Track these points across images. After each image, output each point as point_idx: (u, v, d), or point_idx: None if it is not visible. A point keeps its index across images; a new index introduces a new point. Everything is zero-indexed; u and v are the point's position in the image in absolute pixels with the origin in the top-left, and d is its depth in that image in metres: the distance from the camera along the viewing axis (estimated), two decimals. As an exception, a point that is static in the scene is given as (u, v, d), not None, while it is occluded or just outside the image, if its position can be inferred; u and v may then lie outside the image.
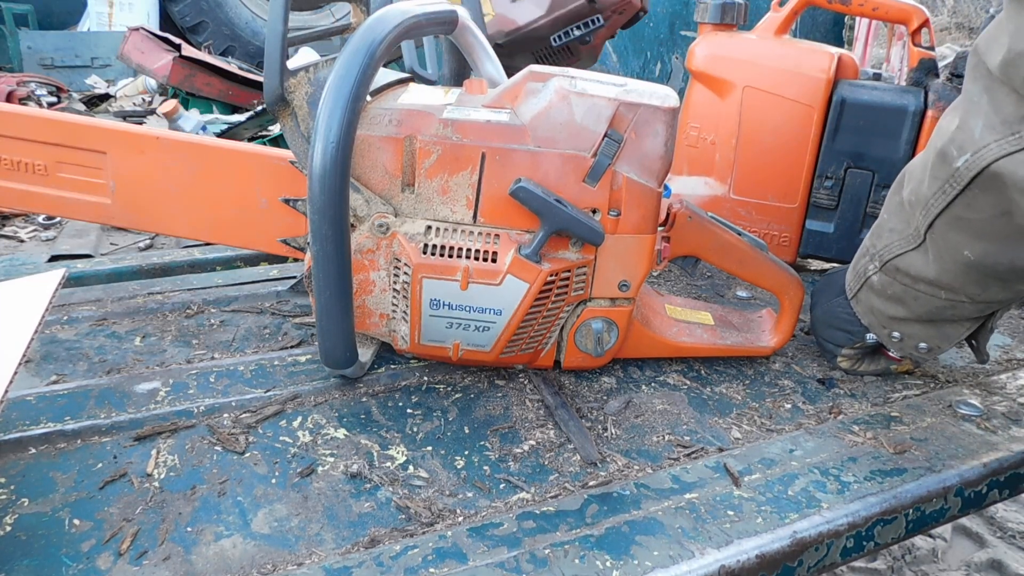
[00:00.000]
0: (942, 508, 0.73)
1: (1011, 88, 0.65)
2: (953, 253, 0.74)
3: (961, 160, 0.69)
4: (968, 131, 0.69)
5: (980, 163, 0.67)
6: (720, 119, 1.21)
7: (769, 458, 0.75)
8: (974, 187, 0.69)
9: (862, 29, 3.85)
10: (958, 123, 0.70)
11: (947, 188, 0.71)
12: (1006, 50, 0.64)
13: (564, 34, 1.43)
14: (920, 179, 0.76)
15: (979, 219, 0.70)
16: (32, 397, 0.77)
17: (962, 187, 0.70)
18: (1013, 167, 0.65)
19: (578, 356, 0.85)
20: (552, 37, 1.44)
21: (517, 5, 1.42)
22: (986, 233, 0.71)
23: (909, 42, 1.17)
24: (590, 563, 0.60)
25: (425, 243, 0.76)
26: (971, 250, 0.72)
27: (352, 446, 0.74)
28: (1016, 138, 0.65)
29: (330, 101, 0.69)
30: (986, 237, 0.71)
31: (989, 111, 0.67)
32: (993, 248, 0.71)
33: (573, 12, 1.41)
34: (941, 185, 0.72)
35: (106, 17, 3.95)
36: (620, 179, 0.76)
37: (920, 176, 0.76)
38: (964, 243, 0.73)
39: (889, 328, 0.85)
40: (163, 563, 0.59)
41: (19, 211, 1.61)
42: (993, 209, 0.69)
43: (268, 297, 1.05)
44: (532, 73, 0.77)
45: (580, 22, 1.42)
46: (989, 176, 0.67)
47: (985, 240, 0.71)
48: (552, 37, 1.44)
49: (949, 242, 0.74)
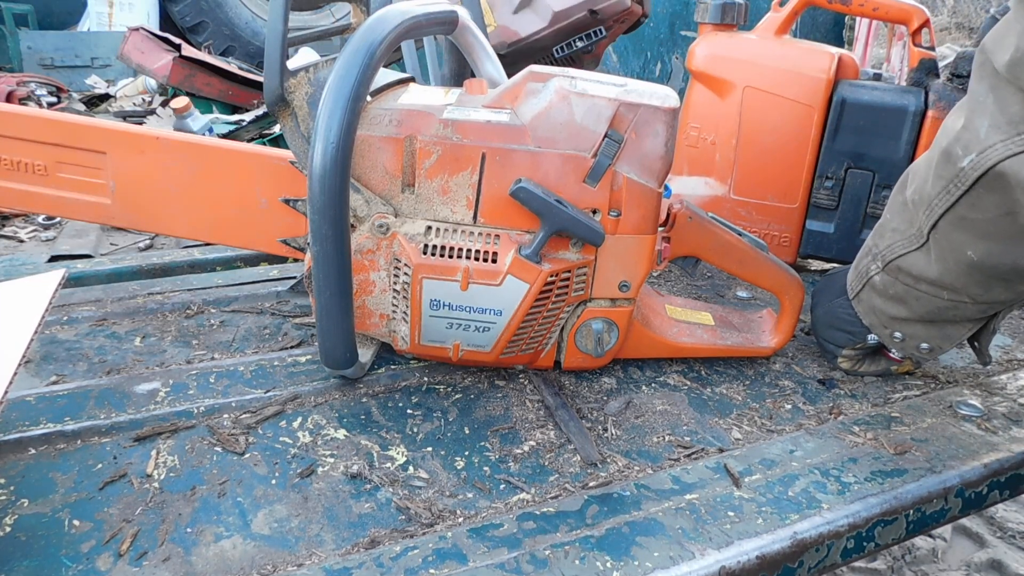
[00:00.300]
0: (942, 509, 0.73)
1: (1017, 88, 0.64)
2: (956, 253, 0.74)
3: (966, 160, 0.69)
4: (974, 131, 0.68)
5: (985, 163, 0.67)
6: (720, 119, 1.21)
7: (769, 459, 0.75)
8: (979, 187, 0.69)
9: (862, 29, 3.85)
10: (963, 123, 0.70)
11: (952, 188, 0.71)
12: (1014, 49, 0.64)
13: (567, 45, 1.43)
14: (924, 178, 0.75)
15: (983, 219, 0.70)
16: (32, 397, 0.77)
17: (967, 187, 0.69)
18: (1018, 167, 0.65)
19: (578, 356, 0.85)
20: (555, 48, 1.43)
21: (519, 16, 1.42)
22: (990, 233, 0.71)
23: (909, 42, 1.17)
24: (590, 564, 0.60)
25: (425, 243, 0.76)
26: (974, 250, 0.72)
27: (352, 447, 0.74)
28: (1021, 138, 0.64)
29: (330, 101, 0.69)
30: (990, 237, 0.71)
31: (995, 111, 0.66)
32: (997, 248, 0.71)
33: (576, 24, 1.40)
34: (945, 185, 0.72)
35: (106, 17, 3.95)
36: (620, 179, 0.76)
37: (924, 175, 0.76)
38: (968, 243, 0.73)
39: (891, 328, 0.85)
40: (163, 564, 0.59)
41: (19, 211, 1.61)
42: (998, 209, 0.68)
43: (268, 297, 1.04)
44: (532, 73, 0.77)
45: (582, 33, 1.42)
46: (994, 176, 0.67)
47: (989, 240, 0.71)
48: (555, 48, 1.43)
49: (952, 242, 0.74)
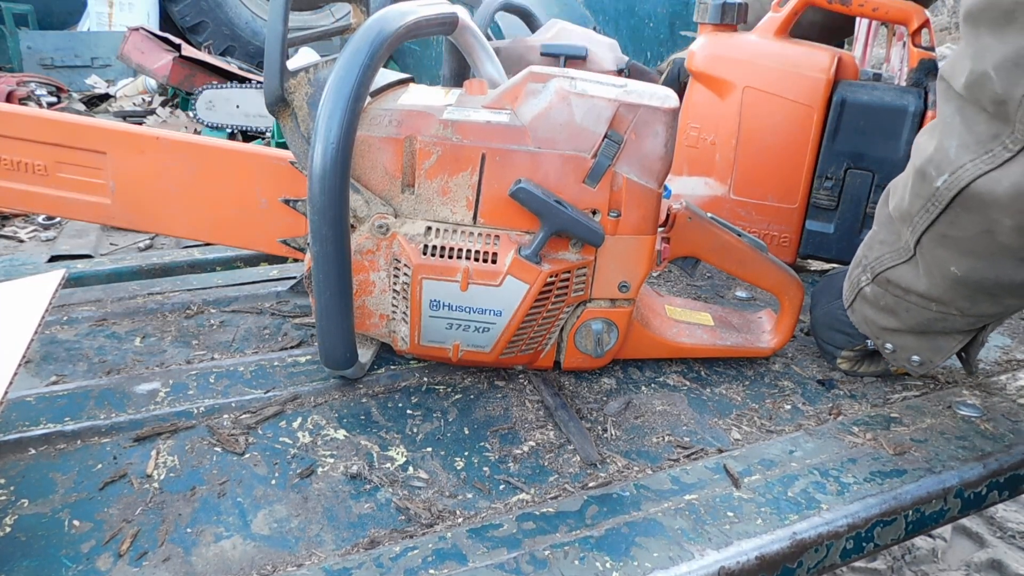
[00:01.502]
0: (942, 509, 0.73)
1: (980, 107, 0.65)
2: (941, 268, 0.74)
3: (940, 180, 0.69)
4: (944, 151, 0.69)
5: (959, 183, 0.68)
6: (720, 119, 1.21)
7: (769, 459, 0.75)
8: (955, 206, 0.69)
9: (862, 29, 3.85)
10: (936, 143, 0.71)
11: (930, 207, 0.72)
12: (968, 71, 0.65)
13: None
14: (902, 196, 0.76)
15: (963, 237, 0.70)
16: (32, 398, 0.77)
17: (943, 206, 0.70)
18: (991, 186, 0.65)
19: (578, 357, 0.85)
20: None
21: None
22: (971, 250, 0.71)
23: (909, 42, 1.17)
24: (590, 564, 0.60)
25: (425, 244, 0.76)
26: (957, 266, 0.73)
27: (352, 447, 0.74)
28: (989, 156, 0.65)
29: (330, 101, 0.69)
30: (971, 254, 0.71)
31: (963, 130, 0.67)
32: (979, 264, 0.71)
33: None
34: (924, 203, 0.72)
35: (106, 17, 3.95)
36: (620, 180, 0.76)
37: (903, 193, 0.76)
38: (950, 259, 0.73)
39: (883, 339, 0.85)
40: (163, 564, 0.59)
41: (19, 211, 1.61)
42: (976, 227, 0.69)
43: (268, 297, 1.04)
44: (532, 74, 0.77)
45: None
46: (969, 196, 0.67)
47: (970, 257, 0.71)
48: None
49: (936, 258, 0.74)
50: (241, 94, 2.59)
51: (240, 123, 2.58)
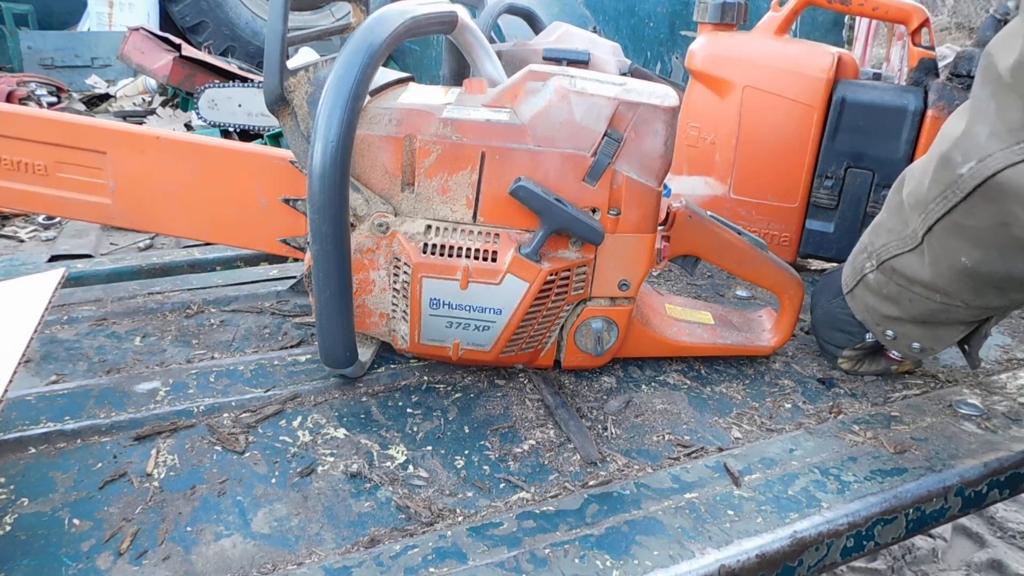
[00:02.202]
0: (942, 508, 0.73)
1: (1018, 95, 0.63)
2: (950, 258, 0.74)
3: (966, 167, 0.68)
4: (973, 137, 0.67)
5: (985, 172, 0.66)
6: (720, 119, 1.21)
7: (769, 458, 0.75)
8: (976, 196, 0.68)
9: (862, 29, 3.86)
10: (964, 128, 0.69)
11: (949, 194, 0.70)
12: (1018, 53, 0.63)
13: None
14: (920, 182, 0.75)
15: (978, 227, 0.69)
16: (32, 397, 0.77)
17: (964, 195, 0.69)
18: (1016, 177, 0.64)
19: (578, 355, 0.85)
20: None
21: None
22: (984, 242, 0.70)
23: (909, 42, 1.17)
24: (590, 563, 0.60)
25: (425, 242, 0.76)
26: (968, 257, 0.72)
27: (352, 446, 0.74)
28: (1020, 147, 0.63)
29: (330, 100, 0.69)
30: (984, 246, 0.70)
31: (995, 118, 0.65)
32: (990, 256, 0.71)
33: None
34: (943, 190, 0.71)
35: (106, 17, 3.95)
36: (620, 178, 0.76)
37: (920, 179, 0.75)
38: (962, 249, 0.72)
39: (883, 326, 0.85)
40: (163, 563, 0.59)
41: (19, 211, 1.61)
42: (993, 219, 0.68)
43: (268, 297, 1.05)
44: (532, 72, 0.77)
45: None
46: (992, 185, 0.66)
47: (983, 248, 0.71)
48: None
49: (947, 247, 0.73)
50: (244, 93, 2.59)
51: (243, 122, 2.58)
